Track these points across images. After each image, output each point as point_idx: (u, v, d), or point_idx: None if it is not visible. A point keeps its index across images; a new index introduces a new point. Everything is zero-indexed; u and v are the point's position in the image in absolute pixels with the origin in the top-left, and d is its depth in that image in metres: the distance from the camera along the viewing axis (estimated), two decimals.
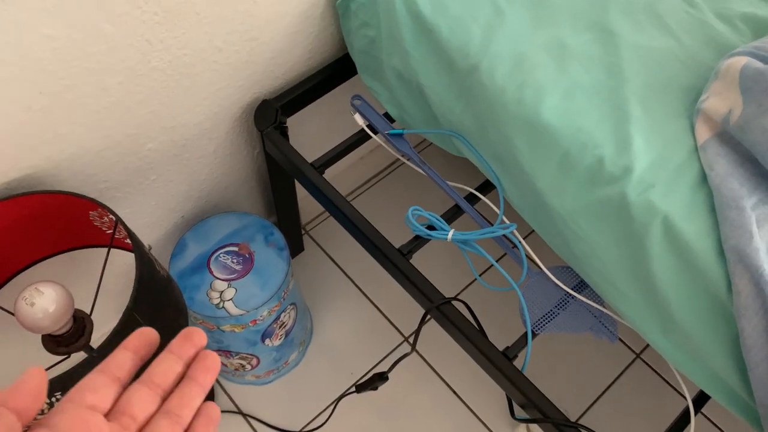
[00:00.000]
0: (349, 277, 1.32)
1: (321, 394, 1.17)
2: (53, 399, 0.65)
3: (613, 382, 1.21)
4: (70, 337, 0.79)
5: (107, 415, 0.32)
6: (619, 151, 0.69)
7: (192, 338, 0.37)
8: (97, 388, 0.33)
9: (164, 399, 0.34)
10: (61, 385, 0.64)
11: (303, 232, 1.36)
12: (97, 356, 0.66)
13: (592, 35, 0.79)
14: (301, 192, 1.21)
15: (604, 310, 0.81)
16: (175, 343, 0.36)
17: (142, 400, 0.33)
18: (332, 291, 1.30)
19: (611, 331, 0.80)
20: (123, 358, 0.35)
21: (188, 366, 0.36)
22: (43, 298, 0.72)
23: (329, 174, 0.92)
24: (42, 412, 1.16)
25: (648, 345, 1.25)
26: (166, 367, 0.35)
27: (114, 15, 0.71)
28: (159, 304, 0.76)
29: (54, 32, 0.67)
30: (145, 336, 0.36)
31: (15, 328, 0.76)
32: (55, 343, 0.79)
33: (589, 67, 0.76)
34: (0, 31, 0.63)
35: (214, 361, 0.36)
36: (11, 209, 0.76)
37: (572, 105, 0.74)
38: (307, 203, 1.32)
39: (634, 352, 1.24)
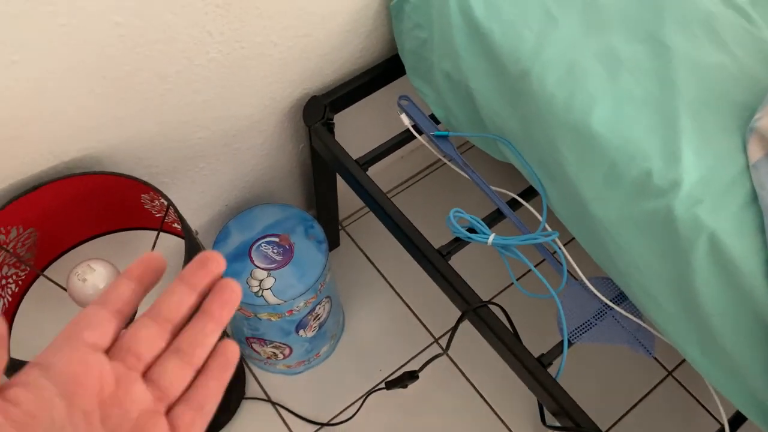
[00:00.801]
0: (382, 275, 1.33)
1: (349, 389, 1.19)
2: None
3: (643, 398, 1.20)
4: None
5: (109, 352, 0.29)
6: (668, 165, 0.69)
7: (207, 264, 0.31)
8: (97, 323, 0.29)
9: (174, 335, 0.30)
10: None
11: (340, 227, 1.38)
12: None
13: (645, 46, 0.79)
14: (340, 187, 1.23)
15: (643, 324, 0.80)
16: (189, 270, 0.31)
17: (149, 336, 0.29)
18: (365, 287, 1.31)
19: (648, 346, 0.79)
20: (124, 289, 0.30)
21: (203, 297, 0.31)
22: (94, 275, 0.75)
23: (371, 170, 0.94)
24: None
25: (681, 363, 1.24)
26: (177, 298, 0.30)
27: (177, 5, 0.73)
28: None
29: (122, 20, 0.70)
30: (151, 262, 0.31)
31: (64, 303, 0.80)
32: None
33: (640, 78, 0.76)
34: (72, 16, 0.66)
35: (233, 293, 0.31)
36: (69, 187, 0.79)
37: (622, 115, 0.73)
38: (344, 199, 1.34)
39: (666, 369, 1.23)
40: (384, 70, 1.02)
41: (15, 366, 0.66)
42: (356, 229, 1.39)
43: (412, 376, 0.97)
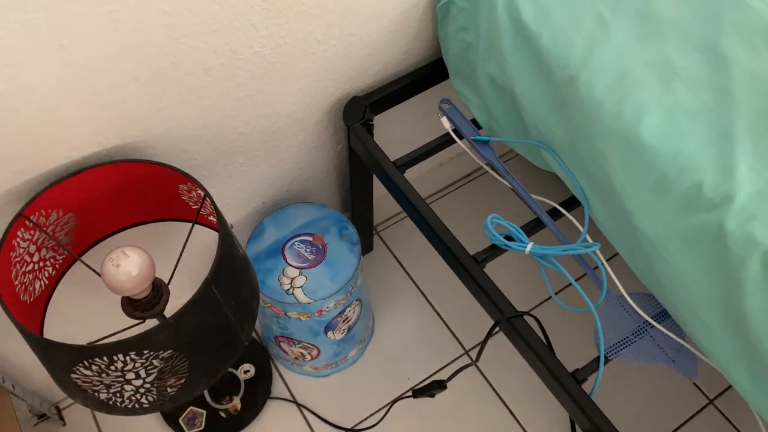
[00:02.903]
0: (414, 282, 1.31)
1: (375, 395, 1.17)
2: (127, 357, 0.67)
3: (681, 425, 1.15)
4: (147, 303, 0.82)
5: None
6: (721, 178, 0.66)
7: None
8: None
9: None
10: (131, 347, 0.67)
11: (374, 232, 1.37)
12: (170, 323, 0.68)
13: (701, 56, 0.75)
14: (376, 192, 1.22)
15: (685, 344, 0.77)
16: None
17: None
18: (396, 293, 1.30)
19: (690, 368, 0.76)
20: None
21: None
22: (128, 262, 0.75)
23: (409, 175, 0.92)
24: (58, 411, 1.19)
25: (724, 391, 1.18)
26: None
27: None
28: (236, 282, 0.78)
29: (169, 9, 0.71)
30: None
31: (99, 289, 0.80)
32: (132, 306, 0.82)
33: (695, 89, 0.73)
34: (121, 3, 0.67)
35: None
36: (110, 174, 0.80)
37: (674, 126, 0.71)
38: (380, 204, 1.33)
39: (707, 397, 1.18)
40: (427, 74, 1.01)
41: (42, 344, 0.67)
42: (390, 234, 1.37)
43: (440, 386, 0.95)
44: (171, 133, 0.86)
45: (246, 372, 1.18)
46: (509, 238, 0.82)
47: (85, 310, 0.95)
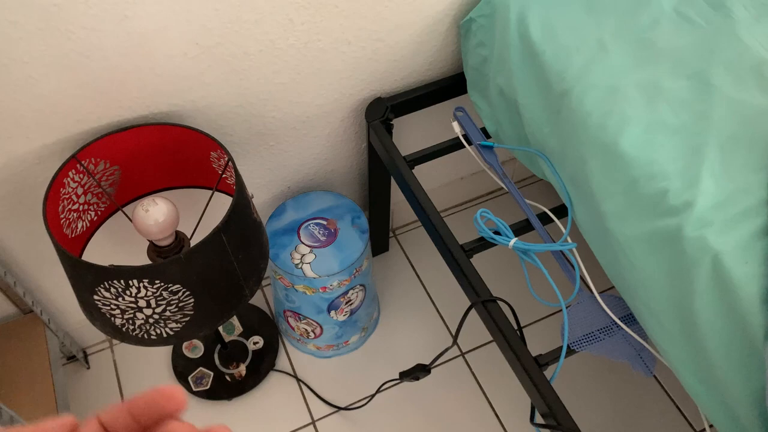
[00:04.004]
0: (423, 285, 1.38)
1: (370, 381, 1.24)
2: (141, 284, 0.78)
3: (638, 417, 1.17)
4: (170, 251, 0.93)
5: None
6: (685, 186, 0.72)
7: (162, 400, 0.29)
8: None
9: None
10: (145, 274, 0.77)
11: (391, 234, 1.45)
12: (180, 258, 0.78)
13: (689, 83, 0.82)
14: (397, 196, 1.31)
15: (646, 345, 0.81)
16: (139, 401, 0.29)
17: None
18: (405, 293, 1.37)
19: (648, 367, 0.80)
20: (120, 419, 0.29)
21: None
22: (156, 209, 0.86)
23: (430, 184, 0.99)
24: (85, 356, 1.28)
25: (689, 397, 1.20)
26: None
27: None
28: (246, 238, 0.88)
29: None
30: (161, 401, 0.29)
31: (133, 239, 0.91)
32: (156, 252, 0.93)
33: (677, 110, 0.79)
34: None
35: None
36: (154, 134, 0.92)
37: (651, 139, 0.77)
38: (401, 209, 1.41)
39: (673, 401, 1.19)
40: (449, 85, 1.11)
41: (72, 261, 0.77)
42: (408, 238, 1.45)
43: (424, 369, 1.01)
44: (212, 107, 0.98)
45: (255, 343, 1.27)
46: (498, 233, 0.90)
47: (120, 256, 1.07)
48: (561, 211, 0.93)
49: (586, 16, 0.91)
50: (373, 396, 1.16)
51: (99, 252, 0.98)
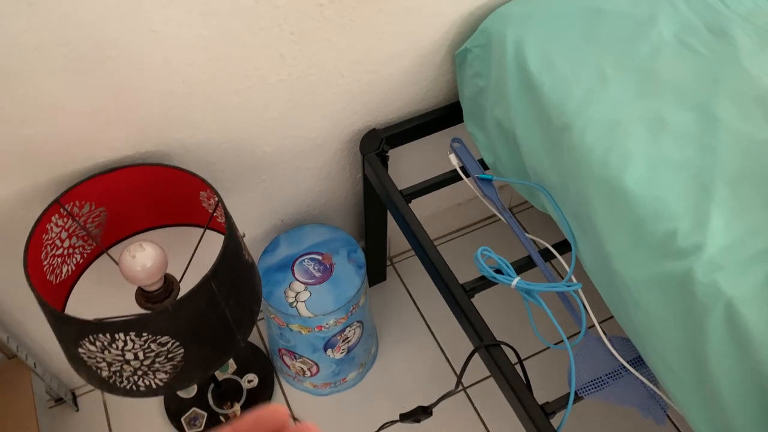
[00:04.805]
0: (422, 315, 1.35)
1: (369, 419, 1.20)
2: (127, 337, 0.74)
3: None
4: (159, 296, 0.89)
5: None
6: (694, 228, 0.69)
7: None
8: None
9: None
10: (132, 327, 0.74)
11: (389, 263, 1.42)
12: (168, 309, 0.74)
13: (693, 115, 0.79)
14: (393, 224, 1.28)
15: (657, 391, 0.78)
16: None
17: None
18: (403, 324, 1.33)
19: (660, 413, 0.77)
20: None
21: None
22: (143, 254, 0.83)
23: (424, 212, 0.97)
24: (73, 397, 1.25)
25: None
26: None
27: (257, 27, 0.83)
28: (238, 283, 0.85)
29: (206, 33, 0.80)
30: (264, 423, 0.29)
31: (120, 282, 0.88)
32: (144, 298, 0.89)
33: (683, 144, 0.77)
34: (164, 24, 0.76)
35: None
36: (140, 175, 0.89)
37: (656, 176, 0.74)
38: (398, 237, 1.38)
39: None
40: (444, 115, 1.08)
41: (55, 315, 0.74)
42: (404, 267, 1.42)
43: (425, 411, 0.98)
44: (201, 145, 0.94)
45: (250, 381, 1.23)
46: (499, 272, 0.86)
47: (106, 300, 1.03)
48: (563, 245, 0.90)
49: (585, 46, 0.88)
50: None
51: (86, 296, 0.95)
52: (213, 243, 0.97)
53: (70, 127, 0.82)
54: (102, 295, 1.00)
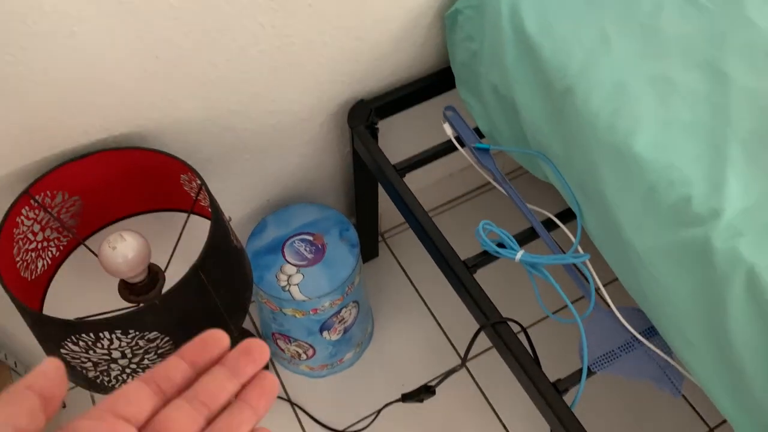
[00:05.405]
0: (417, 290, 1.31)
1: (369, 399, 1.17)
2: (113, 335, 0.69)
3: None
4: (143, 287, 0.84)
5: (141, 429, 0.29)
6: (710, 193, 0.65)
7: (252, 353, 0.31)
8: (135, 398, 0.29)
9: (209, 421, 0.30)
10: (117, 325, 0.69)
11: (380, 238, 1.38)
12: (155, 304, 0.69)
13: (701, 73, 0.75)
14: (383, 199, 1.23)
15: (671, 362, 0.75)
16: (232, 356, 0.31)
17: (183, 419, 0.29)
18: (398, 301, 1.30)
19: (676, 385, 0.74)
20: (174, 370, 0.30)
21: (243, 386, 0.31)
22: (124, 245, 0.77)
23: (416, 184, 0.93)
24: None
25: (725, 420, 1.15)
26: (217, 384, 0.30)
27: None
28: (227, 271, 0.80)
29: (178, 3, 0.73)
30: (209, 344, 0.31)
31: (100, 274, 0.83)
32: (128, 290, 0.84)
33: (692, 104, 0.73)
34: None
35: (272, 385, 0.31)
36: (115, 160, 0.83)
37: (667, 140, 0.70)
38: (389, 211, 1.34)
39: (707, 424, 1.15)
40: (434, 82, 1.03)
41: (33, 316, 0.69)
42: (397, 242, 1.38)
43: (428, 390, 0.95)
44: (178, 124, 0.88)
45: None
46: (502, 246, 0.83)
47: (87, 293, 0.98)
48: (567, 215, 0.86)
49: (584, 4, 0.83)
50: (373, 419, 1.09)
51: (65, 291, 0.89)
52: (197, 227, 0.91)
53: (35, 111, 0.75)
54: (83, 288, 0.95)
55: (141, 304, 0.84)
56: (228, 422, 0.30)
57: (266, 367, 1.09)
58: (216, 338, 0.31)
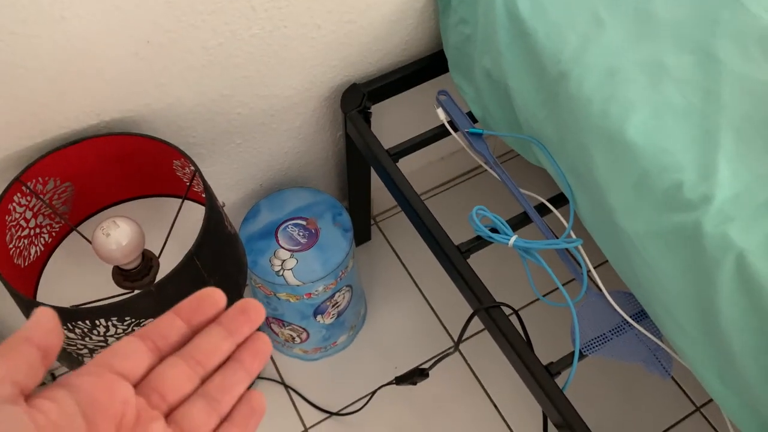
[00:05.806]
0: (410, 274, 1.32)
1: (362, 382, 1.18)
2: (109, 322, 0.69)
3: (665, 431, 1.14)
4: (137, 273, 0.84)
5: (136, 387, 0.28)
6: (701, 178, 0.66)
7: (248, 312, 0.31)
8: (131, 354, 0.29)
9: (204, 379, 0.30)
10: (113, 312, 0.69)
11: (373, 222, 1.38)
12: (151, 291, 0.70)
13: (693, 58, 0.75)
14: (375, 183, 1.23)
15: (661, 345, 0.77)
16: (228, 315, 0.31)
17: (178, 377, 0.29)
18: (391, 284, 1.31)
19: (665, 368, 0.76)
20: (169, 327, 0.30)
21: (238, 345, 0.31)
22: (118, 231, 0.77)
23: (407, 168, 0.93)
24: (53, 379, 1.22)
25: (711, 399, 1.18)
26: (212, 342, 0.30)
27: None
28: (221, 256, 0.80)
29: None
30: (205, 302, 0.31)
31: (93, 260, 0.82)
32: (122, 276, 0.84)
33: (684, 89, 0.73)
34: None
35: (265, 345, 0.31)
36: (107, 145, 0.82)
37: (659, 125, 0.71)
38: (381, 195, 1.34)
39: (694, 404, 1.17)
40: (427, 65, 1.02)
41: (27, 303, 0.69)
42: (389, 225, 1.38)
43: (422, 373, 0.96)
44: (170, 109, 0.88)
45: None
46: (495, 231, 0.83)
47: (81, 280, 0.98)
48: (559, 199, 0.87)
49: None
50: (367, 402, 1.10)
51: (59, 277, 0.89)
52: (190, 212, 0.91)
53: (24, 97, 0.74)
54: (77, 274, 0.95)
55: (135, 290, 0.85)
56: (221, 382, 0.30)
57: (260, 328, 1.10)
58: (212, 296, 0.31)
